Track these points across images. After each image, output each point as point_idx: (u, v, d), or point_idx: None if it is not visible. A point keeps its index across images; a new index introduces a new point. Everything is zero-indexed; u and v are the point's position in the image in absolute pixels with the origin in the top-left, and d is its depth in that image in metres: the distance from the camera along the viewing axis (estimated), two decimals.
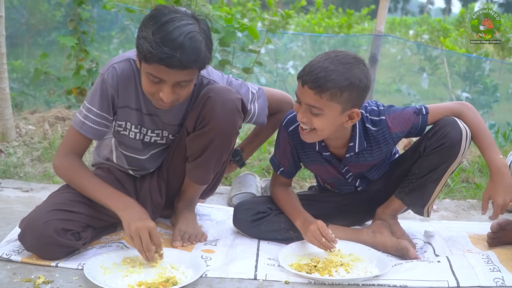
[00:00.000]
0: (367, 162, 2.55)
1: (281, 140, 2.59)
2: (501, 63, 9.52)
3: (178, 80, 2.16)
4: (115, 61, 2.38)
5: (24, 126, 4.41)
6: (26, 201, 3.06)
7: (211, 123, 2.36)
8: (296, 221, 2.52)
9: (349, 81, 2.22)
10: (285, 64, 8.72)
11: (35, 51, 7.04)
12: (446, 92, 8.50)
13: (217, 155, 2.47)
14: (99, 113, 2.34)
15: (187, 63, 2.10)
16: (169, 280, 2.11)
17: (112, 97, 2.35)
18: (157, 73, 2.15)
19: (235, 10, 6.89)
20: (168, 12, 2.14)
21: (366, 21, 16.84)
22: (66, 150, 2.38)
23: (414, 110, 2.46)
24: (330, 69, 2.21)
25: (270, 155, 4.08)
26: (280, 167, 2.64)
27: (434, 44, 14.03)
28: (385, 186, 2.69)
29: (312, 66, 2.24)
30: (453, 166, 2.46)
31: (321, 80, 2.20)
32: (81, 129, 2.34)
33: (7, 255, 2.25)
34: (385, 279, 2.23)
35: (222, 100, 2.34)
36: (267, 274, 2.24)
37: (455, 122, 2.40)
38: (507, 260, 2.39)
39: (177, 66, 2.10)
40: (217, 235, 2.66)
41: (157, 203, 2.65)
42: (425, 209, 2.59)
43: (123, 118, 2.43)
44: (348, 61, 2.25)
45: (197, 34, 2.13)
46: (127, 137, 2.49)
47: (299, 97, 2.30)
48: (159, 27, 2.10)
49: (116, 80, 2.34)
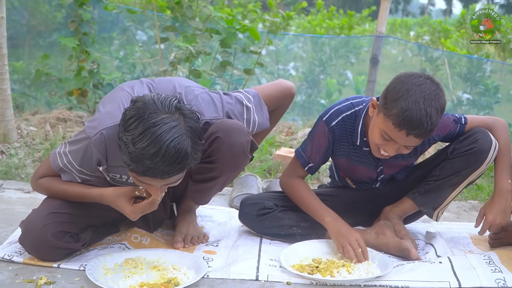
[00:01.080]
0: (404, 161, 2.61)
1: (319, 135, 2.58)
2: (502, 64, 9.52)
3: (165, 183, 2.08)
4: (104, 125, 2.17)
5: (25, 127, 4.42)
6: (27, 202, 3.06)
7: (216, 162, 2.31)
8: (325, 217, 2.52)
9: (442, 113, 2.32)
10: (286, 65, 8.71)
11: (36, 53, 7.04)
12: (447, 94, 8.49)
13: (220, 186, 2.46)
14: (79, 169, 2.25)
15: (172, 173, 1.99)
16: (171, 281, 2.12)
17: (98, 160, 2.23)
18: (144, 180, 2.04)
19: (236, 12, 6.90)
20: (148, 114, 1.95)
21: (367, 22, 16.84)
22: (41, 174, 2.34)
23: (454, 119, 2.54)
24: (433, 115, 2.25)
25: (271, 156, 4.08)
26: (309, 163, 2.63)
27: (435, 45, 14.01)
28: (399, 187, 2.72)
29: (416, 118, 2.22)
30: (475, 173, 2.52)
31: (428, 129, 2.26)
32: (60, 172, 2.28)
33: (9, 256, 2.26)
34: (386, 280, 2.23)
35: (229, 143, 2.25)
36: (269, 275, 2.25)
37: (487, 132, 2.50)
38: (508, 261, 2.39)
39: (162, 175, 1.98)
40: (219, 236, 2.66)
41: (161, 219, 2.64)
42: (435, 212, 2.61)
43: (118, 172, 2.34)
44: (437, 94, 2.29)
45: (181, 139, 1.95)
46: (124, 182, 2.39)
47: (398, 141, 2.32)
48: (140, 134, 1.93)
49: (104, 147, 2.18)
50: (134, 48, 6.72)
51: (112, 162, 2.26)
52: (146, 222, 2.57)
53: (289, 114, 6.78)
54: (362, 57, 10.65)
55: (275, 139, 4.55)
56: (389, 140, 2.33)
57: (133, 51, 6.88)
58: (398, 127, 2.25)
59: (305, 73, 8.72)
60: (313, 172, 2.68)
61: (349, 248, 2.38)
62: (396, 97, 2.26)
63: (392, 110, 2.26)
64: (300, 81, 8.69)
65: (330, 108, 2.58)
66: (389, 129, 2.29)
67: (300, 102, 7.81)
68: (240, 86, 5.50)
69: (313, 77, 8.52)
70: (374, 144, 2.41)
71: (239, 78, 5.41)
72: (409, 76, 2.31)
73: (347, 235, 2.42)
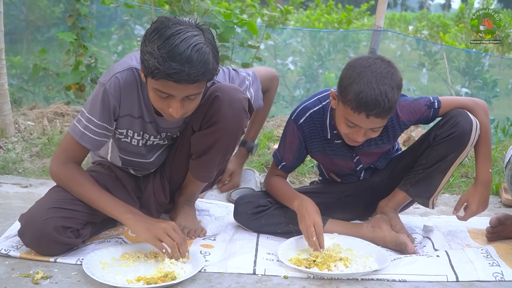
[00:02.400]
0: (378, 148, 2.59)
1: (289, 133, 2.61)
2: (500, 59, 9.52)
3: (187, 94, 2.11)
4: (117, 70, 2.28)
5: (23, 122, 4.41)
6: (25, 197, 3.05)
7: (218, 122, 2.34)
8: (294, 201, 2.52)
9: (399, 88, 2.30)
10: (285, 59, 8.72)
11: (34, 47, 7.04)
12: (446, 88, 8.49)
13: (222, 154, 2.47)
14: (100, 124, 2.27)
15: (196, 76, 2.04)
16: (168, 275, 2.11)
17: (114, 108, 2.28)
18: (166, 89, 2.09)
19: (234, 6, 6.86)
20: (172, 24, 2.06)
21: (365, 17, 16.83)
22: (65, 159, 2.32)
23: (426, 103, 2.51)
24: (388, 93, 2.23)
25: (269, 150, 4.08)
26: (282, 162, 2.66)
27: (434, 39, 14.01)
28: (388, 177, 2.71)
29: (371, 98, 2.21)
30: (461, 156, 2.49)
31: (387, 106, 2.24)
32: (81, 140, 2.28)
33: (6, 251, 2.25)
34: (384, 273, 2.23)
35: (229, 99, 2.32)
36: (266, 269, 2.24)
37: (466, 113, 2.46)
38: (506, 254, 2.39)
39: (186, 81, 2.04)
40: (216, 230, 2.66)
41: (161, 202, 2.66)
42: (430, 201, 2.61)
43: (125, 126, 2.38)
44: (389, 70, 2.28)
45: (204, 46, 2.06)
46: (128, 144, 2.45)
47: (361, 125, 2.30)
48: (164, 41, 2.02)
49: (118, 91, 2.26)
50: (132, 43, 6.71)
51: (124, 110, 2.32)
52: (148, 208, 2.59)
53: (287, 109, 6.78)
54: (361, 52, 10.65)
55: (272, 133, 4.55)
56: (354, 126, 2.32)
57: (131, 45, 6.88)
58: (356, 111, 2.25)
59: (304, 68, 8.72)
60: (288, 171, 2.70)
61: (305, 235, 2.40)
62: (349, 82, 2.27)
63: (348, 96, 2.26)
64: (298, 75, 8.69)
65: (297, 107, 2.59)
66: (350, 115, 2.29)
67: (299, 97, 7.81)
68: None
69: (311, 71, 8.52)
70: (343, 133, 2.41)
71: None
72: (358, 60, 2.32)
73: (305, 220, 2.41)
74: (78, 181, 2.31)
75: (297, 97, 7.81)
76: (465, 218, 2.58)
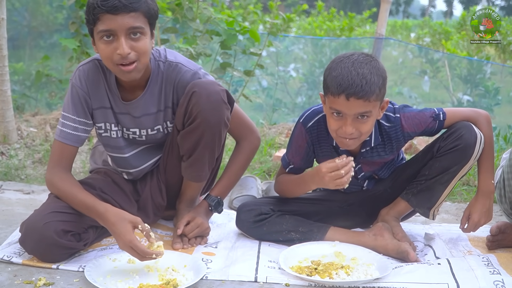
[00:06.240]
0: (381, 158, 2.59)
1: (297, 137, 2.61)
2: (502, 66, 9.51)
3: (127, 26, 2.19)
4: (81, 64, 2.44)
5: (25, 128, 4.42)
6: (27, 203, 3.06)
7: (199, 117, 2.37)
8: (304, 176, 2.54)
9: (381, 76, 2.31)
10: (287, 67, 8.71)
11: (36, 54, 7.03)
12: (448, 95, 8.49)
13: (209, 150, 2.48)
14: (75, 119, 2.38)
15: (130, 3, 2.16)
16: (170, 282, 2.12)
17: (85, 100, 2.40)
18: (106, 25, 2.18)
19: (236, 13, 6.89)
20: None
21: (367, 24, 16.83)
22: (53, 163, 2.39)
23: (432, 115, 2.51)
24: (365, 74, 2.26)
25: (271, 157, 4.09)
26: (290, 164, 2.66)
27: (436, 47, 14.01)
28: (391, 187, 2.71)
29: (348, 78, 2.25)
30: (464, 169, 2.50)
31: (366, 87, 2.25)
32: (59, 137, 2.37)
33: (8, 257, 2.26)
34: (385, 282, 2.23)
35: (206, 93, 2.36)
36: (268, 276, 2.25)
37: (471, 126, 2.47)
38: (507, 263, 2.39)
39: (121, 9, 2.15)
40: (218, 238, 2.66)
41: (159, 205, 2.66)
42: (431, 211, 2.62)
43: (102, 119, 2.46)
44: (368, 60, 2.32)
45: None
46: (110, 138, 2.51)
47: (344, 111, 2.30)
48: None
49: (84, 82, 2.39)
50: None
51: (96, 102, 2.42)
52: (145, 211, 2.60)
53: (289, 115, 6.79)
54: None
55: (274, 141, 4.56)
56: (339, 115, 2.33)
57: None
58: (336, 94, 2.27)
59: (306, 75, 8.72)
60: (296, 173, 2.69)
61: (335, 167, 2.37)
62: (329, 72, 2.32)
63: (328, 83, 2.31)
64: (300, 82, 8.69)
65: (307, 110, 2.60)
66: (332, 102, 2.31)
67: (301, 104, 7.81)
68: (240, 87, 5.51)
69: (313, 78, 8.51)
70: (333, 131, 2.41)
71: (239, 79, 5.42)
72: (340, 55, 2.37)
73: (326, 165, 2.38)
74: (66, 189, 2.34)
75: (299, 104, 7.81)
76: (468, 229, 2.58)
